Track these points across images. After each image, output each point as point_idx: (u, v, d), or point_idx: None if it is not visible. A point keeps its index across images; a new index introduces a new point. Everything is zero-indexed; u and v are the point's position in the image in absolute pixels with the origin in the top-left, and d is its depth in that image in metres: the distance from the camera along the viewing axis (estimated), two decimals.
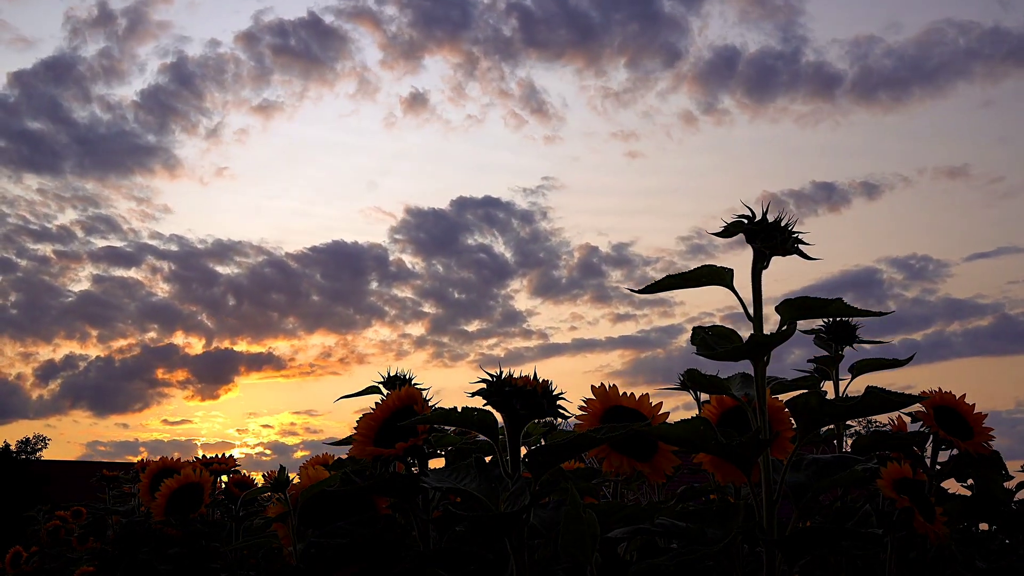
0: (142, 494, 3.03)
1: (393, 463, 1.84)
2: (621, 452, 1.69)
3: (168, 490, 2.80)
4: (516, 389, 1.55)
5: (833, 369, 2.42)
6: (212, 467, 3.16)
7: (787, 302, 1.52)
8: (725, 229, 1.50)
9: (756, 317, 1.50)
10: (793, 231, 1.48)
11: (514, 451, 1.57)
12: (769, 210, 1.47)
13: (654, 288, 1.56)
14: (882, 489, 1.73)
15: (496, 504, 1.53)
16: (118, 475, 5.29)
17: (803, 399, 1.52)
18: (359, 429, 1.82)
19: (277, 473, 2.25)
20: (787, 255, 1.50)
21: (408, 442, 1.76)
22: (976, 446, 1.99)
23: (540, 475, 1.52)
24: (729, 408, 1.82)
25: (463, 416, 1.59)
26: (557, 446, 1.50)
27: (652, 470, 1.70)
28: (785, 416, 1.71)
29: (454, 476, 1.61)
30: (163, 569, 2.85)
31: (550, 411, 1.57)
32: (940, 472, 2.07)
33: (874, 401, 1.51)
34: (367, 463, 1.85)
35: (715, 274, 1.52)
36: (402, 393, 1.84)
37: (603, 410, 1.70)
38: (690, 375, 1.70)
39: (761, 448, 1.49)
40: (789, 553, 1.46)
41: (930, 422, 1.99)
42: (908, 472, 1.75)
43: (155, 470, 3.00)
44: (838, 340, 2.39)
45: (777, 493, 1.51)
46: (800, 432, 1.56)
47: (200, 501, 2.83)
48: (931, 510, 1.76)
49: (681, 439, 1.54)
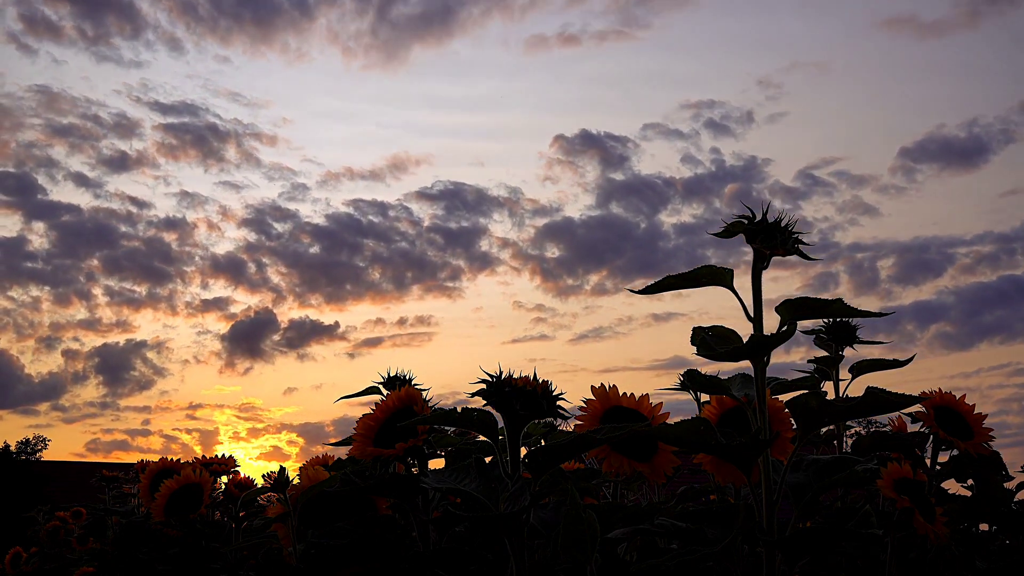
0: (142, 495, 3.03)
1: (393, 463, 1.84)
2: (621, 452, 1.69)
3: (168, 491, 2.80)
4: (516, 390, 1.55)
5: (833, 369, 2.42)
6: (212, 467, 3.16)
7: (787, 302, 1.52)
8: (725, 229, 1.50)
9: (756, 317, 1.50)
10: (793, 231, 1.48)
11: (514, 452, 1.57)
12: (768, 210, 1.47)
13: (654, 288, 1.56)
14: (882, 489, 1.73)
15: (496, 505, 1.53)
16: (118, 475, 5.29)
17: (803, 400, 1.52)
18: (359, 429, 1.82)
19: (277, 473, 2.25)
20: (787, 255, 1.50)
21: (408, 443, 1.76)
22: (976, 446, 1.99)
23: (540, 476, 1.52)
24: (729, 408, 1.82)
25: (463, 417, 1.59)
26: (557, 447, 1.50)
27: (652, 471, 1.70)
28: (785, 416, 1.71)
29: (454, 477, 1.61)
30: (163, 569, 2.85)
31: (550, 411, 1.57)
32: (940, 472, 2.07)
33: (874, 401, 1.51)
34: (367, 464, 1.85)
35: (715, 274, 1.52)
36: (402, 393, 1.84)
37: (603, 410, 1.70)
38: (690, 375, 1.70)
39: (761, 449, 1.48)
40: (789, 553, 1.46)
41: (930, 422, 1.99)
42: (908, 472, 1.75)
43: (155, 471, 3.00)
44: (838, 340, 2.39)
45: (777, 494, 1.51)
46: (800, 433, 1.56)
47: (200, 502, 2.83)
48: (931, 510, 1.76)
49: (681, 439, 1.54)
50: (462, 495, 1.61)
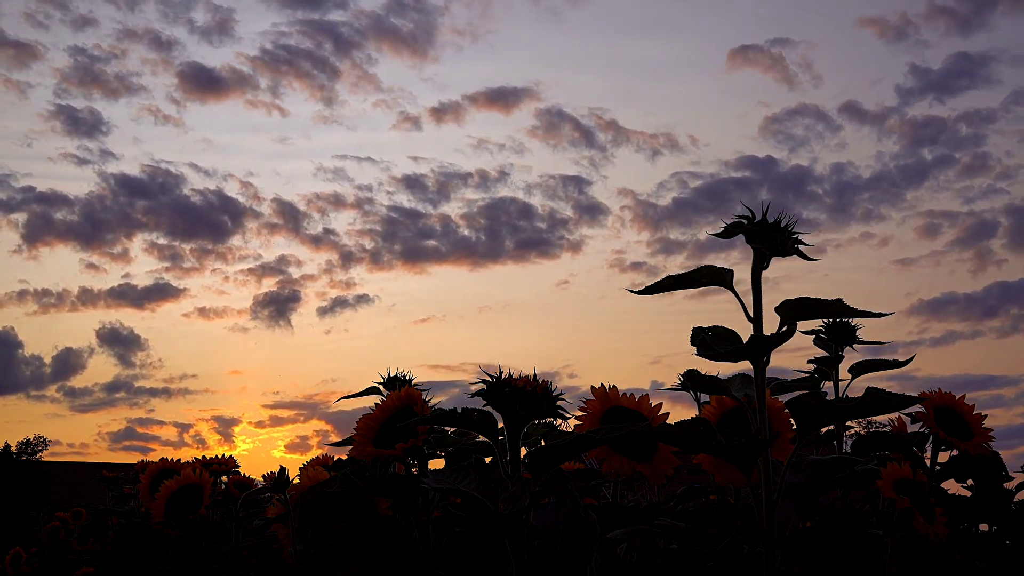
0: (142, 495, 3.03)
1: (393, 464, 1.84)
2: (621, 453, 1.68)
3: (168, 491, 2.80)
4: (516, 390, 1.54)
5: (833, 370, 2.41)
6: (212, 468, 3.16)
7: (787, 302, 1.52)
8: (725, 230, 1.50)
9: (756, 318, 1.50)
10: (793, 232, 1.48)
11: (514, 452, 1.57)
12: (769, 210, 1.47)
13: (653, 289, 1.56)
14: (882, 490, 1.73)
15: (496, 505, 1.53)
16: (118, 476, 5.29)
17: (803, 400, 1.52)
18: (359, 430, 1.82)
19: (277, 474, 2.25)
20: (787, 255, 1.50)
21: (408, 443, 1.76)
22: (976, 447, 1.99)
23: (540, 476, 1.52)
24: (729, 409, 1.82)
25: (463, 417, 1.59)
26: (557, 447, 1.50)
27: (652, 471, 1.69)
28: (785, 417, 1.71)
29: (454, 477, 1.61)
30: (162, 570, 2.85)
31: (550, 412, 1.57)
32: (940, 473, 2.07)
33: (873, 402, 1.51)
34: (367, 464, 1.85)
35: (715, 274, 1.52)
36: (402, 394, 1.84)
37: (603, 411, 1.70)
38: (690, 376, 1.70)
39: (761, 449, 1.48)
40: (789, 554, 1.46)
41: (930, 423, 1.99)
42: (908, 473, 1.75)
43: (155, 471, 3.00)
44: (838, 341, 2.39)
45: (777, 494, 1.51)
46: (800, 433, 1.56)
47: (200, 502, 2.83)
48: (931, 511, 1.76)
49: (681, 440, 1.54)
50: (462, 495, 1.61)
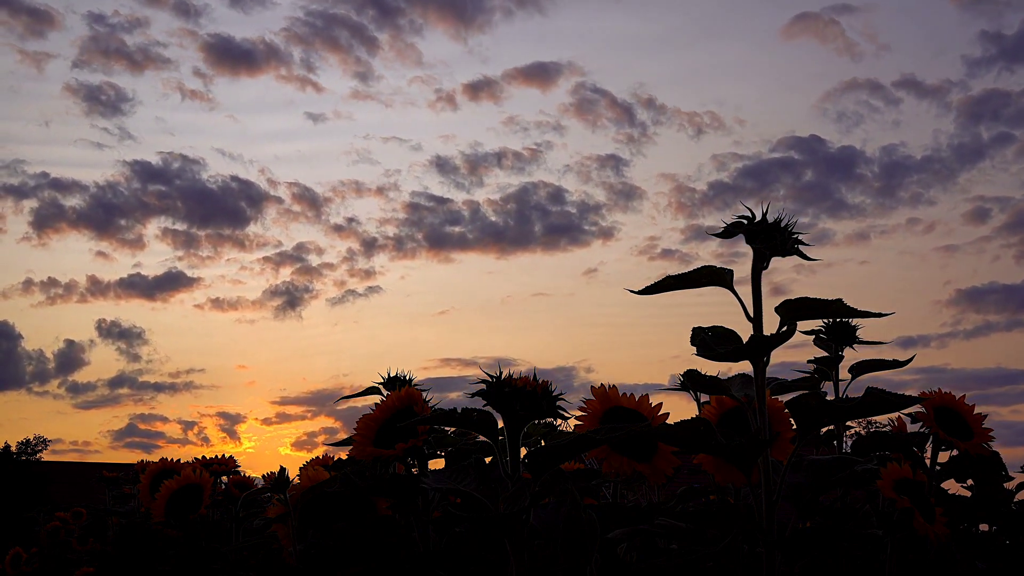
0: (142, 495, 3.03)
1: (393, 464, 1.84)
2: (621, 453, 1.68)
3: (168, 491, 2.80)
4: (516, 390, 1.54)
5: (833, 370, 2.41)
6: (212, 468, 3.16)
7: (787, 302, 1.52)
8: (725, 230, 1.50)
9: (756, 318, 1.50)
10: (793, 232, 1.48)
11: (514, 452, 1.57)
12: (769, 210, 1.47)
13: (653, 289, 1.56)
14: (882, 490, 1.73)
15: (496, 505, 1.53)
16: (118, 476, 5.29)
17: (803, 400, 1.52)
18: (359, 430, 1.82)
19: (277, 474, 2.25)
20: (787, 255, 1.50)
21: (408, 443, 1.76)
22: (976, 447, 1.99)
23: (540, 476, 1.52)
24: (729, 409, 1.82)
25: (463, 417, 1.59)
26: (557, 447, 1.50)
27: (652, 471, 1.69)
28: (785, 417, 1.71)
29: (454, 477, 1.61)
30: (162, 570, 2.85)
31: (550, 412, 1.57)
32: (940, 473, 2.07)
33: (873, 402, 1.51)
34: (367, 464, 1.85)
35: (715, 274, 1.52)
36: (402, 394, 1.84)
37: (603, 411, 1.70)
38: (690, 376, 1.70)
39: (761, 449, 1.48)
40: (789, 554, 1.46)
41: (930, 423, 1.99)
42: (908, 473, 1.75)
43: (155, 471, 3.00)
44: (838, 341, 2.39)
45: (777, 494, 1.51)
46: (800, 433, 1.56)
47: (200, 502, 2.83)
48: (931, 511, 1.76)
49: (681, 440, 1.54)
50: (462, 496, 1.61)
